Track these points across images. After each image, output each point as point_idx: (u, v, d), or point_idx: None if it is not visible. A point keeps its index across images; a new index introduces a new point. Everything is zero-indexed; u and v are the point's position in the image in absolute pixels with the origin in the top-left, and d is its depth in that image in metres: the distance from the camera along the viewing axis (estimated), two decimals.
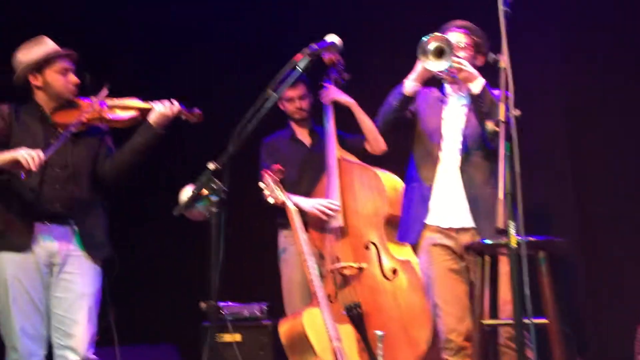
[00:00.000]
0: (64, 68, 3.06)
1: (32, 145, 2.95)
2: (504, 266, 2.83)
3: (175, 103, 3.11)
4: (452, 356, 2.95)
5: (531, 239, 2.52)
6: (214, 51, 4.72)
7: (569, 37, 3.87)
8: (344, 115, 3.74)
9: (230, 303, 4.06)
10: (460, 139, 3.03)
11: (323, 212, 3.49)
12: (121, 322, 3.16)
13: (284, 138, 3.90)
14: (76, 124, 2.99)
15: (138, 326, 4.40)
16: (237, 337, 3.92)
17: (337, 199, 3.48)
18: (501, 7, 2.42)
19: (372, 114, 3.70)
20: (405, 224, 3.13)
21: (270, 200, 3.52)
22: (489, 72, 2.88)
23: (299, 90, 3.75)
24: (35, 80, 3.06)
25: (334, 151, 3.60)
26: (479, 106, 2.90)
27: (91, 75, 3.11)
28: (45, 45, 3.07)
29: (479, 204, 2.93)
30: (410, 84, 3.01)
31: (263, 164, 3.78)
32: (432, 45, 2.86)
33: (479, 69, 3.01)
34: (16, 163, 2.78)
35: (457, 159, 3.02)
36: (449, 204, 3.01)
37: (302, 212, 3.53)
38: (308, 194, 3.69)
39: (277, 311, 4.00)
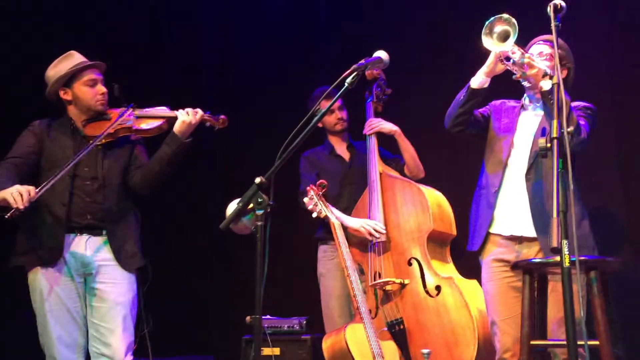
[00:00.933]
0: (92, 79, 3.10)
1: (62, 159, 3.01)
2: (554, 285, 2.76)
3: (199, 110, 3.11)
4: None
5: (582, 258, 2.46)
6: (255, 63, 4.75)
7: (616, 43, 3.81)
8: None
9: (269, 317, 4.06)
10: (531, 146, 2.95)
11: (369, 233, 3.46)
12: (158, 333, 3.17)
13: (322, 153, 3.91)
14: (100, 137, 3.02)
15: (174, 337, 4.42)
16: (276, 351, 3.91)
17: (380, 213, 3.46)
18: (554, 23, 2.38)
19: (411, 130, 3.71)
20: (472, 232, 3.07)
21: (314, 215, 3.52)
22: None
23: (336, 102, 3.74)
24: (65, 95, 3.11)
25: (376, 165, 3.58)
26: (550, 102, 2.80)
27: (120, 84, 3.15)
28: (73, 60, 3.11)
29: (542, 215, 2.84)
30: (478, 77, 2.95)
31: (304, 176, 3.77)
32: (498, 28, 2.78)
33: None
34: (5, 201, 2.79)
35: (524, 166, 2.95)
36: (512, 212, 2.94)
37: (344, 227, 3.51)
38: (348, 208, 3.69)
39: (316, 326, 3.98)
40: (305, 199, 3.53)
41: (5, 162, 3.02)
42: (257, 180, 2.37)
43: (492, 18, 2.79)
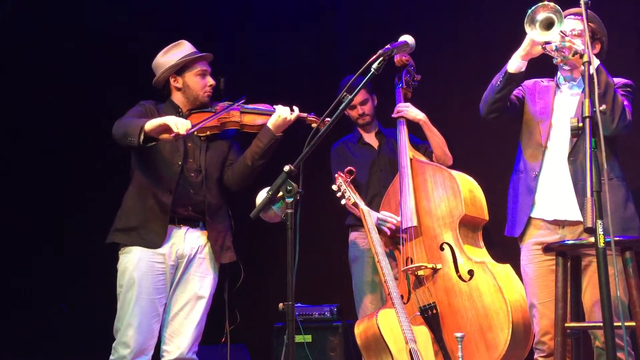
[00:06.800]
0: (203, 70, 3.17)
1: (167, 143, 3.05)
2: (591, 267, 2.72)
3: (295, 109, 3.15)
4: (543, 357, 2.87)
5: (617, 238, 2.42)
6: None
7: None
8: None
9: (300, 304, 4.08)
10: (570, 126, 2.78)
11: (387, 224, 3.46)
12: None
13: (351, 142, 3.90)
14: (214, 125, 3.09)
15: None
16: (308, 338, 3.94)
17: (411, 199, 3.44)
18: (583, 0, 2.34)
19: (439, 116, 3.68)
20: (512, 217, 3.02)
21: (343, 202, 3.52)
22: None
23: (360, 96, 3.72)
24: (176, 82, 3.18)
25: (407, 151, 3.56)
26: (593, 88, 2.74)
27: (226, 79, 3.23)
28: (185, 49, 3.18)
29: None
30: (515, 61, 2.86)
31: (334, 169, 3.77)
32: (540, 16, 2.66)
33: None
34: (164, 127, 2.86)
35: (565, 148, 2.87)
36: (555, 195, 2.88)
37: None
38: (378, 195, 3.69)
39: (347, 313, 3.99)
40: (334, 186, 3.54)
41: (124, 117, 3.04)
42: (286, 168, 2.38)
43: (533, 7, 2.67)
